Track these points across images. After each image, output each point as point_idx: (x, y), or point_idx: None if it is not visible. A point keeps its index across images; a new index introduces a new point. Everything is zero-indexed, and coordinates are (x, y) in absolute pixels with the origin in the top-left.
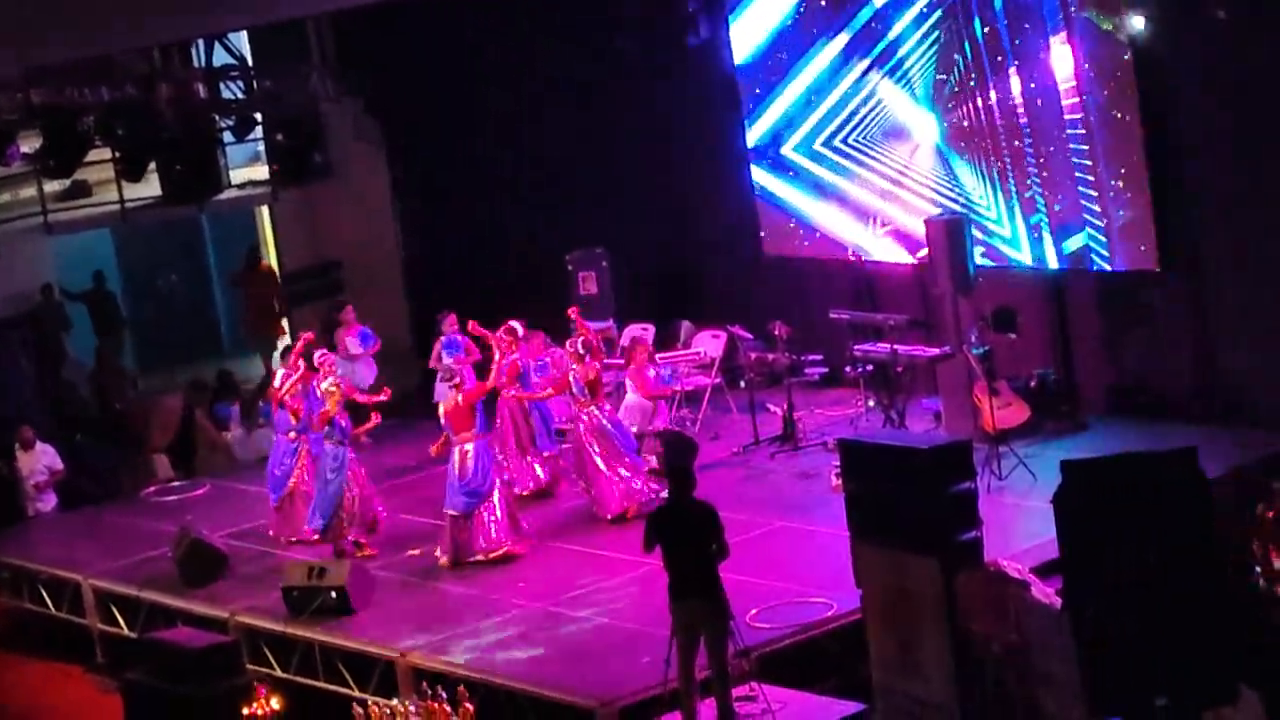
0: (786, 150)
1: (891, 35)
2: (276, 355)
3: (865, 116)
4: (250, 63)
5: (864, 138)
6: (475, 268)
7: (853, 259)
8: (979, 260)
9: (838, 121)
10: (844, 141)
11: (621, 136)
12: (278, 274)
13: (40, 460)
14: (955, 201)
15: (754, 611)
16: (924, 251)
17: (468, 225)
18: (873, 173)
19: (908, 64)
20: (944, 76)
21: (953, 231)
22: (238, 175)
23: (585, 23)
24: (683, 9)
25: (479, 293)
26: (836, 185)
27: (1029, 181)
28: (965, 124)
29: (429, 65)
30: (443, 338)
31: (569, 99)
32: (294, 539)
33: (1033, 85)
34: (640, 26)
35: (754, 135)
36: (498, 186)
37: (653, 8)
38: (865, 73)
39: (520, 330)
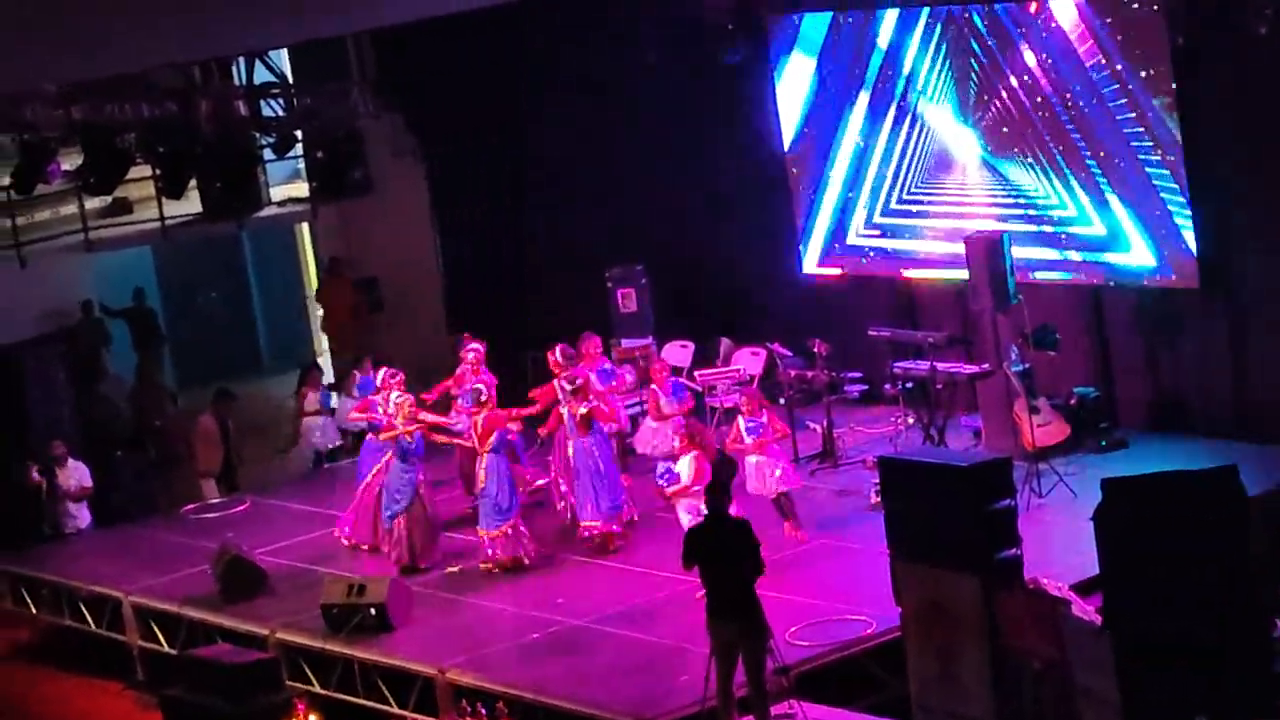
0: (853, 238)
1: (905, 69)
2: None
3: (910, 162)
4: (290, 80)
5: (918, 184)
6: (514, 284)
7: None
8: (1059, 257)
9: (888, 181)
10: (900, 200)
11: (662, 156)
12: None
13: (71, 477)
14: (1016, 205)
15: (793, 629)
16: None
17: (507, 241)
18: (934, 218)
19: (930, 87)
20: (965, 81)
21: (992, 248)
22: (278, 192)
23: (626, 38)
24: (721, 28)
25: (518, 309)
26: (907, 249)
27: (1073, 140)
28: (1000, 119)
29: (469, 82)
30: (359, 377)
31: (611, 116)
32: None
33: (1047, 45)
34: (678, 41)
35: (814, 244)
36: (537, 203)
37: (691, 30)
38: (897, 121)
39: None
